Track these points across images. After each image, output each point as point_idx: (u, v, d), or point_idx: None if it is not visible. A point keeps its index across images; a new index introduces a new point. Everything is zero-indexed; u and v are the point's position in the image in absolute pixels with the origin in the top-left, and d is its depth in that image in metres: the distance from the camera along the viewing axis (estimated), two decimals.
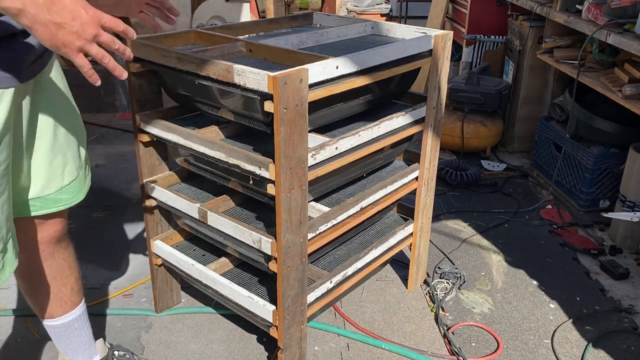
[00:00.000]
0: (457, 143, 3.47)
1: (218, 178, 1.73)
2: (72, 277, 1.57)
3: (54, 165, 1.37)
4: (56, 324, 1.59)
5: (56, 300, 1.56)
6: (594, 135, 2.84)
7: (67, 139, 1.39)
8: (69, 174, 1.42)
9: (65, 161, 1.39)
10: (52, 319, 1.58)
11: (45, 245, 1.47)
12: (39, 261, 1.48)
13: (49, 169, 1.36)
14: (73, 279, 1.57)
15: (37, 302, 1.55)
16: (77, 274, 1.59)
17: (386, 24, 2.08)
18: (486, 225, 2.77)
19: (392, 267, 2.40)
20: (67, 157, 1.40)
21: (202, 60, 1.47)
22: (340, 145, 1.61)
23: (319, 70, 1.44)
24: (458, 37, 3.99)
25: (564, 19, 2.89)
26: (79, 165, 1.45)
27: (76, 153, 1.43)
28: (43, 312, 1.57)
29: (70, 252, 1.56)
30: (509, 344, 1.99)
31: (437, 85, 1.89)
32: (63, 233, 1.51)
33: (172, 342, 1.96)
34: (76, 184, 1.44)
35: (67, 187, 1.41)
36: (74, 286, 1.58)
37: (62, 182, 1.40)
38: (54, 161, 1.36)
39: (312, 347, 1.95)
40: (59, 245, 1.51)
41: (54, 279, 1.53)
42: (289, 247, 1.52)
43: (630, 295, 2.28)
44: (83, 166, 1.47)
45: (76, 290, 1.59)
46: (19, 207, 1.35)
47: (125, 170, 3.18)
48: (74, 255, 1.58)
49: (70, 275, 1.56)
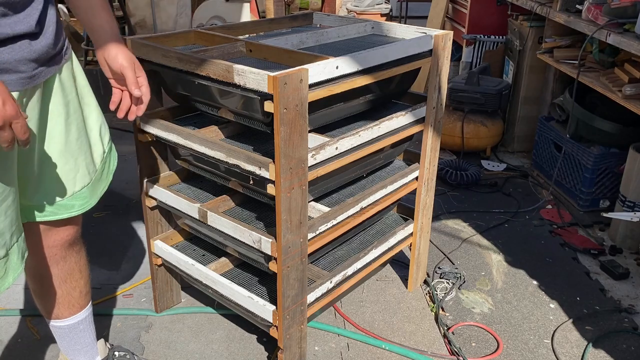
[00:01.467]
0: (457, 143, 3.47)
1: (218, 178, 1.73)
2: (82, 281, 1.57)
3: (65, 171, 1.34)
4: (62, 325, 1.59)
5: (64, 303, 1.55)
6: (594, 135, 2.84)
7: (79, 143, 1.36)
8: (81, 180, 1.38)
9: (77, 167, 1.36)
10: (59, 319, 1.58)
11: (57, 249, 1.46)
12: (50, 264, 1.47)
13: (60, 175, 1.33)
14: (82, 283, 1.57)
15: (45, 303, 1.55)
16: (87, 277, 1.59)
17: (386, 24, 2.08)
18: (486, 225, 2.77)
19: (392, 267, 2.40)
20: (78, 162, 1.36)
21: (202, 60, 1.47)
22: (340, 145, 1.61)
23: (319, 70, 1.44)
24: (458, 37, 3.99)
25: (564, 19, 2.89)
26: (92, 170, 1.42)
27: (89, 157, 1.40)
28: (50, 313, 1.57)
29: (82, 255, 1.56)
30: (509, 344, 1.99)
31: (437, 85, 1.89)
32: (76, 237, 1.50)
33: (172, 342, 1.96)
34: (89, 189, 1.41)
35: (79, 192, 1.39)
36: (83, 289, 1.58)
37: (74, 188, 1.37)
38: (65, 167, 1.34)
39: (312, 347, 1.95)
40: (71, 249, 1.50)
41: (64, 282, 1.52)
42: (289, 247, 1.52)
43: (630, 295, 2.28)
44: (99, 171, 1.44)
45: (84, 293, 1.59)
46: (30, 212, 1.34)
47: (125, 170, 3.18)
48: (86, 259, 1.58)
49: (80, 279, 1.56)
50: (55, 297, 1.53)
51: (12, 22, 1.10)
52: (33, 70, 1.16)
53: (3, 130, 1.01)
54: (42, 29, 1.17)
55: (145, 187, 1.85)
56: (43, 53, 1.17)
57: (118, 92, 1.37)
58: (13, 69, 1.12)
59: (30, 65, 1.15)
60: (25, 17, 1.12)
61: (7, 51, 1.10)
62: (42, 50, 1.17)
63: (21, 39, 1.12)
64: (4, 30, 1.08)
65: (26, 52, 1.13)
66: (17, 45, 1.11)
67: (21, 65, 1.13)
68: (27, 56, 1.13)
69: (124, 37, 1.70)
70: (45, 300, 1.54)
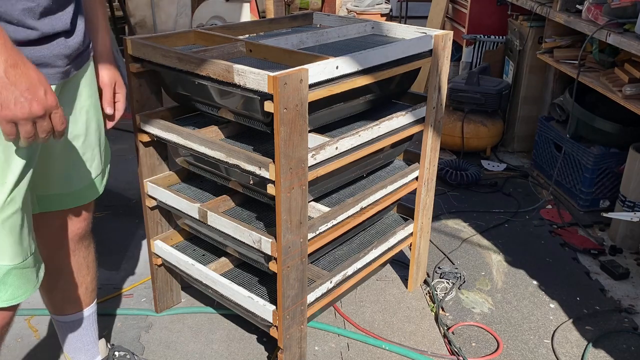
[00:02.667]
0: (457, 143, 3.47)
1: (218, 178, 1.73)
2: (88, 277, 1.58)
3: (84, 160, 1.40)
4: (65, 320, 1.60)
5: (69, 298, 1.57)
6: (594, 135, 2.84)
7: (97, 135, 1.42)
8: (95, 169, 1.44)
9: (93, 156, 1.42)
10: (62, 315, 1.59)
11: (68, 242, 1.49)
12: (59, 257, 1.49)
13: (81, 164, 1.39)
14: (89, 279, 1.59)
15: (50, 296, 1.56)
16: (93, 274, 1.60)
17: (386, 24, 2.08)
18: (486, 225, 2.77)
19: (392, 267, 2.40)
20: (94, 152, 1.43)
21: (202, 60, 1.47)
22: (340, 145, 1.61)
23: (319, 70, 1.44)
24: (458, 37, 3.99)
25: (564, 19, 2.89)
26: (104, 161, 1.49)
27: (102, 149, 1.47)
28: (54, 307, 1.58)
29: (91, 251, 1.58)
30: (509, 344, 1.99)
31: (437, 85, 1.89)
32: (87, 231, 1.53)
33: (172, 342, 1.96)
34: (99, 179, 1.47)
35: (93, 181, 1.45)
36: (89, 286, 1.59)
37: (91, 177, 1.43)
38: (85, 156, 1.40)
39: (312, 347, 1.95)
40: (80, 243, 1.52)
41: (72, 276, 1.54)
42: (289, 247, 1.52)
43: (630, 295, 2.28)
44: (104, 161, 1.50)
45: (90, 290, 1.60)
46: (49, 201, 1.38)
47: (125, 170, 3.18)
48: (94, 255, 1.60)
49: (87, 275, 1.58)
50: (60, 291, 1.54)
51: (53, 21, 1.15)
52: (67, 66, 1.21)
53: (43, 120, 1.04)
54: (75, 27, 1.23)
55: (145, 187, 1.85)
56: (75, 49, 1.22)
57: None
58: (52, 63, 1.17)
59: (65, 61, 1.20)
60: (63, 16, 1.17)
61: (46, 47, 1.15)
62: (75, 47, 1.22)
63: (59, 37, 1.17)
64: (46, 29, 1.13)
65: (62, 48, 1.18)
66: (55, 42, 1.17)
67: (58, 60, 1.18)
68: (63, 52, 1.18)
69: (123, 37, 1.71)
70: (50, 294, 1.55)
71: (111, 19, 5.25)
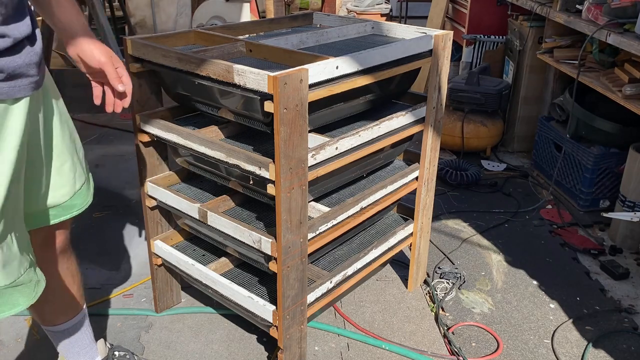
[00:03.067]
0: (457, 143, 3.47)
1: (218, 178, 1.73)
2: (75, 286, 1.57)
3: (65, 170, 1.35)
4: (57, 330, 1.59)
5: (58, 309, 1.55)
6: (594, 135, 2.84)
7: (72, 142, 1.37)
8: (79, 178, 1.40)
9: (74, 165, 1.37)
10: (54, 325, 1.58)
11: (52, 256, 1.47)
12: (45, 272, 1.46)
13: (62, 174, 1.34)
14: (76, 287, 1.57)
15: (38, 309, 1.53)
16: (79, 282, 1.59)
17: (386, 24, 2.08)
18: (486, 225, 2.77)
19: (392, 267, 2.40)
20: (74, 160, 1.38)
21: (202, 60, 1.47)
22: (340, 145, 1.61)
23: (319, 70, 1.44)
24: (458, 37, 3.99)
25: (564, 19, 2.89)
26: (85, 168, 1.44)
27: (81, 156, 1.42)
28: (44, 320, 1.57)
29: (73, 261, 1.56)
30: (509, 344, 1.99)
31: (437, 85, 1.89)
32: (67, 244, 1.51)
33: (172, 342, 1.96)
34: (85, 187, 1.43)
35: (79, 191, 1.40)
36: (76, 293, 1.58)
37: (75, 187, 1.38)
38: (64, 166, 1.34)
39: (312, 347, 1.95)
40: (62, 255, 1.50)
41: (58, 288, 1.52)
42: (289, 247, 1.52)
43: (630, 295, 2.28)
44: (86, 169, 1.46)
45: (78, 297, 1.59)
46: (38, 217, 1.34)
47: (125, 170, 3.18)
48: (76, 264, 1.58)
49: (74, 284, 1.56)
50: (47, 303, 1.51)
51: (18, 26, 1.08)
52: (37, 75, 1.15)
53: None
54: (34, 31, 1.15)
55: (145, 187, 1.85)
56: (40, 55, 1.16)
57: (98, 87, 1.33)
58: (25, 73, 1.10)
59: (35, 69, 1.14)
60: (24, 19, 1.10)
61: (19, 56, 1.08)
62: (39, 53, 1.15)
63: (25, 43, 1.10)
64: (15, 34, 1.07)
65: (32, 56, 1.12)
66: (24, 50, 1.10)
67: (30, 69, 1.12)
68: (32, 60, 1.12)
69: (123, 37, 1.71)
70: (38, 307, 1.51)
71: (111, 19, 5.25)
